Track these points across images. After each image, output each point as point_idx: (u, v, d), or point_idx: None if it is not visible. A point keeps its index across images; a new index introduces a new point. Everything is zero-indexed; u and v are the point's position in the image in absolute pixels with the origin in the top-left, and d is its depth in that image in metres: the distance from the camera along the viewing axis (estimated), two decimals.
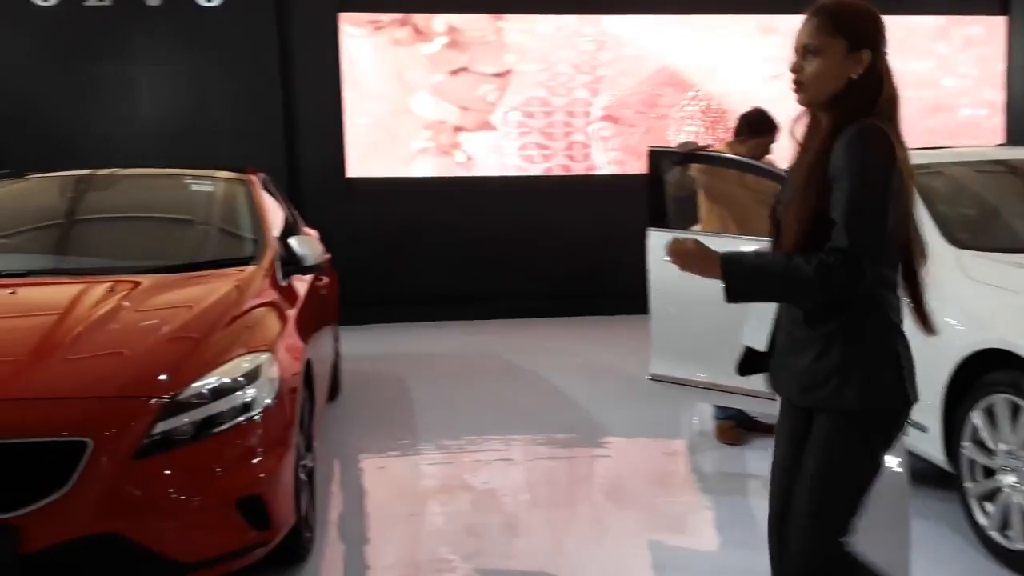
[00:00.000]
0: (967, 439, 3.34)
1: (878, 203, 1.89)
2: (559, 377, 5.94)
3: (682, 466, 4.43)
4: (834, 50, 1.95)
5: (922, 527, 3.51)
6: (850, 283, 1.90)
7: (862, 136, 1.89)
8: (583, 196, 8.09)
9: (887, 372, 2.00)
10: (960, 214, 4.17)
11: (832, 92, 1.97)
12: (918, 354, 3.57)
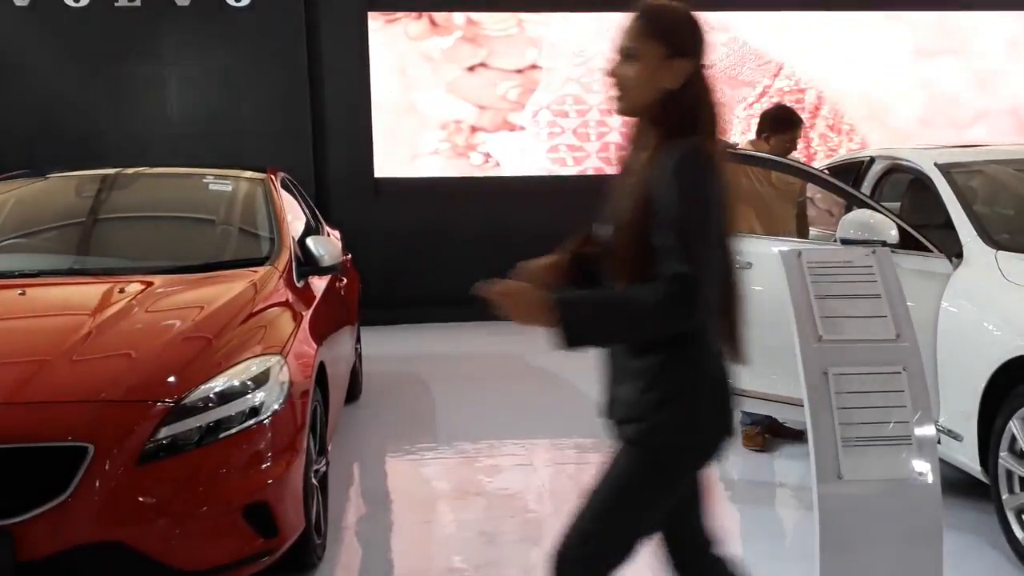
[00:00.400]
0: (1004, 449, 3.19)
1: (708, 226, 1.78)
2: (584, 380, 5.81)
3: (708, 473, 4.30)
4: (650, 56, 1.81)
5: (956, 541, 3.38)
6: (693, 310, 1.76)
7: (688, 157, 1.77)
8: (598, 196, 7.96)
9: (711, 405, 1.89)
10: (999, 214, 4.01)
11: (647, 101, 1.83)
12: (952, 359, 3.50)
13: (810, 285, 2.77)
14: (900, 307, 2.74)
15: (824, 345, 2.68)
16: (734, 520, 3.82)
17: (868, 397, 2.63)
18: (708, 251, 1.78)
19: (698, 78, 1.84)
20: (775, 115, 4.51)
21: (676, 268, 1.74)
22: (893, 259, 3.62)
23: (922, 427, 2.61)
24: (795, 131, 4.46)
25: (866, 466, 2.58)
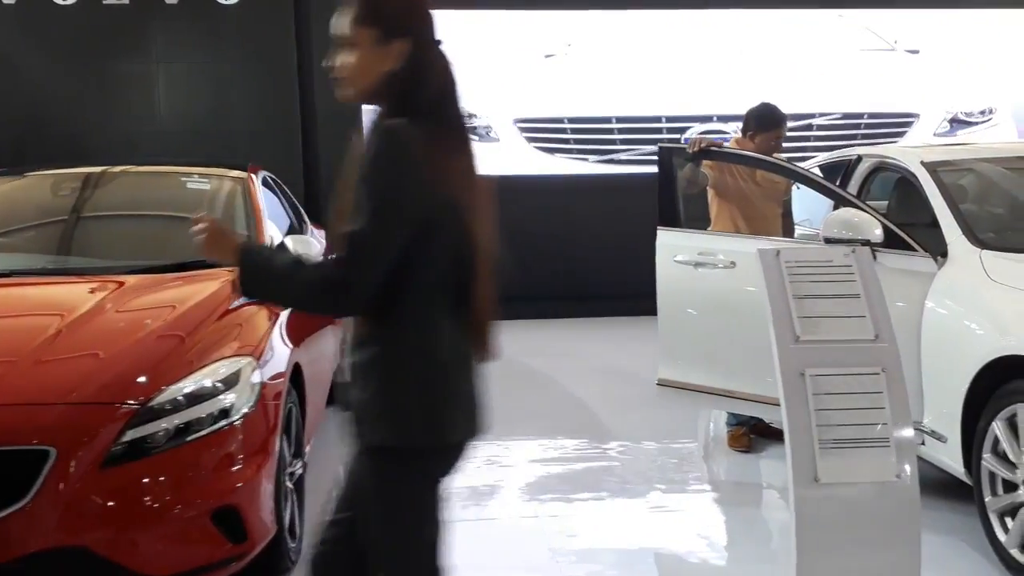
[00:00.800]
0: (988, 450, 3.15)
1: (384, 214, 1.68)
2: (573, 380, 5.80)
3: (693, 474, 4.26)
4: (365, 41, 1.75)
5: (938, 542, 3.34)
6: (344, 299, 1.70)
7: (381, 138, 1.70)
8: (606, 194, 7.93)
9: (424, 406, 1.78)
10: (986, 213, 3.97)
11: (370, 87, 1.77)
12: (936, 359, 3.46)
13: (788, 285, 2.73)
14: (879, 308, 2.70)
15: (801, 345, 2.64)
16: (719, 521, 3.79)
17: (846, 399, 2.59)
18: (381, 239, 1.68)
19: (419, 57, 1.77)
20: (760, 113, 4.47)
21: (340, 254, 1.70)
22: (878, 258, 3.65)
23: (900, 429, 2.58)
24: (780, 129, 4.42)
25: (843, 469, 2.54)
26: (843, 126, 8.15)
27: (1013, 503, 3.04)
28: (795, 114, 8.02)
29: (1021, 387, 3.00)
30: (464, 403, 1.85)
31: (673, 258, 4.07)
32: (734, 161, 4.31)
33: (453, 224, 1.76)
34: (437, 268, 1.77)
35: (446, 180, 1.74)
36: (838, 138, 8.07)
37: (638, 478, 4.14)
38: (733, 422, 4.44)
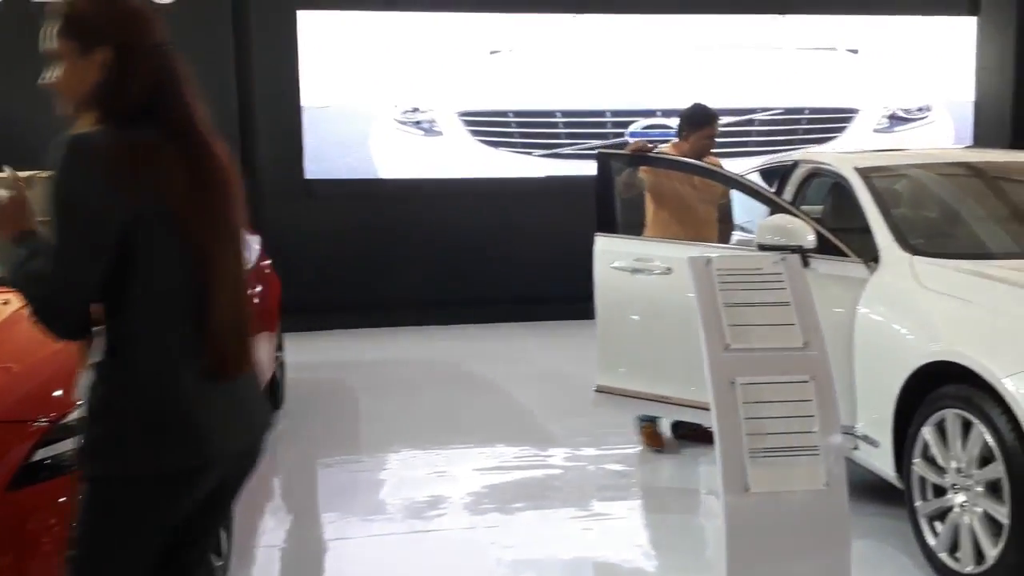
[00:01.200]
0: (918, 455, 3.18)
1: (67, 230, 1.61)
2: (515, 385, 5.76)
3: (633, 481, 4.26)
4: (69, 53, 1.71)
5: (870, 546, 3.38)
6: (43, 312, 1.64)
7: (61, 149, 1.63)
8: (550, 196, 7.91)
9: (133, 430, 1.67)
10: (917, 219, 4.02)
11: (82, 98, 1.72)
12: (868, 365, 3.49)
13: (719, 293, 2.72)
14: (809, 315, 2.71)
15: (732, 354, 2.64)
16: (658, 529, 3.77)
17: (775, 407, 2.59)
18: (68, 255, 1.61)
19: (121, 64, 1.72)
20: (691, 113, 4.54)
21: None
22: (812, 263, 3.67)
23: (829, 437, 2.58)
24: (711, 126, 4.47)
25: (773, 477, 2.53)
26: (784, 121, 8.28)
27: (942, 507, 3.07)
28: (737, 109, 8.20)
29: (950, 393, 3.03)
30: (195, 425, 1.70)
31: (611, 264, 4.05)
32: (671, 168, 4.31)
33: (166, 235, 1.68)
34: (157, 283, 1.68)
35: (148, 189, 1.66)
36: (780, 133, 8.24)
37: (578, 486, 4.12)
38: (647, 418, 4.47)
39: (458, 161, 7.88)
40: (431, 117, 7.84)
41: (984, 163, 4.48)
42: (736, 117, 8.14)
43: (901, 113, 8.52)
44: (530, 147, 7.98)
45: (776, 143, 8.21)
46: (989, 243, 3.83)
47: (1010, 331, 2.90)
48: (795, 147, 8.11)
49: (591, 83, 8.07)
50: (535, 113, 7.97)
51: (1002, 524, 2.78)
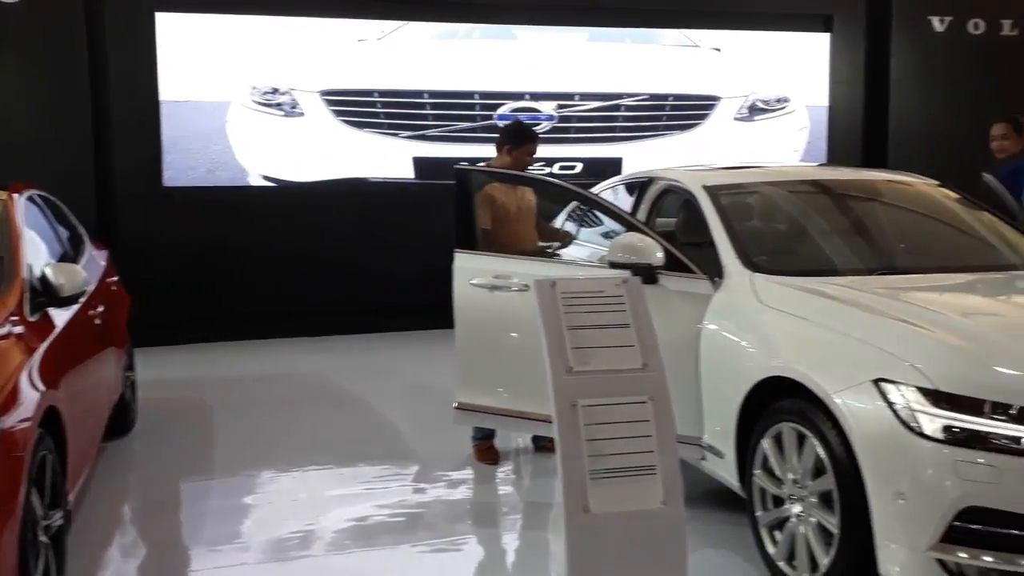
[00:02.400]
0: (758, 467, 3.29)
1: None
2: (382, 401, 5.70)
3: (497, 498, 4.26)
4: None
5: (717, 555, 3.48)
6: None
7: None
8: (416, 203, 7.85)
9: None
10: (762, 236, 4.16)
11: None
12: (712, 379, 3.60)
13: (563, 315, 2.75)
14: (648, 336, 2.77)
15: (574, 376, 2.67)
16: (519, 548, 3.78)
17: (615, 428, 2.63)
18: None
19: None
20: (514, 130, 4.69)
21: None
22: (661, 280, 3.76)
23: (667, 456, 2.64)
24: (532, 144, 4.62)
25: (613, 497, 2.58)
26: (650, 107, 8.50)
27: (780, 517, 3.19)
28: (604, 94, 8.38)
29: (786, 407, 3.15)
30: None
31: (470, 281, 4.05)
32: (520, 183, 4.38)
33: None
34: None
35: None
36: (645, 119, 8.47)
37: (434, 505, 4.09)
38: (479, 436, 4.50)
39: (320, 143, 7.67)
40: (292, 98, 7.62)
41: (831, 181, 4.68)
42: (604, 102, 8.34)
43: (760, 104, 8.90)
44: (396, 128, 7.86)
45: (642, 128, 8.47)
46: (830, 260, 4.00)
47: (840, 349, 3.03)
48: (660, 132, 8.43)
49: (460, 65, 8.03)
50: (401, 93, 7.83)
51: (833, 534, 2.90)
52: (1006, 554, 2.57)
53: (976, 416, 2.59)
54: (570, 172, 8.37)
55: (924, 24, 9.52)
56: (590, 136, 8.38)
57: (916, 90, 9.51)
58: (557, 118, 8.23)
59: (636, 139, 8.48)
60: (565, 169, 8.36)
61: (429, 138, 7.91)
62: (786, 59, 9.10)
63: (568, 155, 8.35)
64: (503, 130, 4.78)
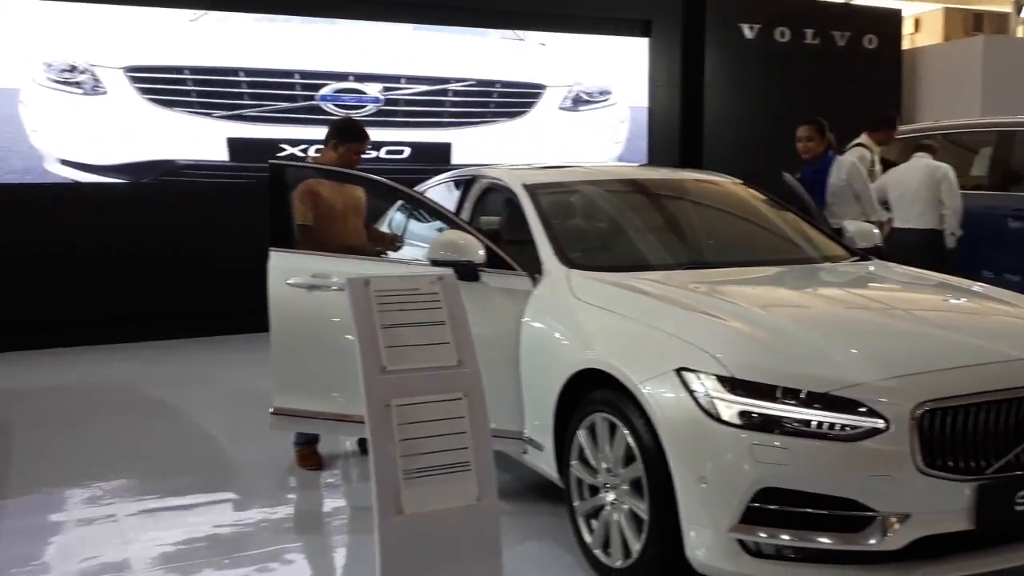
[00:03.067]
0: (575, 457, 3.37)
1: None
2: (198, 409, 5.45)
3: (316, 505, 4.15)
4: None
5: (539, 547, 3.54)
6: None
7: None
8: (234, 200, 7.56)
9: None
10: (579, 233, 4.26)
11: None
12: (532, 373, 3.65)
13: (377, 314, 2.71)
14: (463, 333, 2.77)
15: (387, 376, 2.64)
16: (336, 556, 3.70)
17: (429, 426, 2.62)
18: None
19: None
20: (343, 127, 4.57)
21: None
22: (483, 277, 3.78)
23: (481, 452, 2.66)
24: (362, 143, 4.54)
25: (427, 497, 2.57)
26: (478, 92, 8.59)
27: (596, 506, 3.27)
28: (432, 78, 8.38)
29: (598, 398, 3.23)
30: None
31: (286, 281, 3.93)
32: (341, 180, 4.30)
33: None
34: None
35: None
36: (473, 104, 8.56)
37: (260, 518, 3.93)
38: (301, 440, 4.43)
39: (125, 124, 7.25)
40: (93, 75, 7.14)
41: (645, 180, 4.85)
42: (431, 86, 8.33)
43: (584, 95, 9.19)
44: (209, 108, 7.52)
45: (470, 115, 8.54)
46: (643, 255, 4.14)
47: (647, 340, 3.14)
48: (488, 120, 8.54)
49: (281, 45, 7.82)
50: (215, 71, 7.52)
51: (643, 520, 3.00)
52: (802, 531, 2.72)
53: (769, 401, 2.73)
54: (398, 156, 8.32)
55: (735, 31, 10.08)
56: (418, 121, 8.36)
57: (728, 94, 10.06)
58: (383, 101, 8.14)
59: (464, 125, 8.55)
60: (393, 154, 8.29)
61: (246, 118, 7.62)
62: (609, 60, 9.43)
63: (396, 139, 8.29)
64: (332, 125, 4.65)
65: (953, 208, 6.34)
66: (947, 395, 2.68)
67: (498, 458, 4.19)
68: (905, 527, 2.65)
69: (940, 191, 6.35)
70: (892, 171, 6.68)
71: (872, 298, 3.71)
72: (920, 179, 6.34)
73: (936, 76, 11.28)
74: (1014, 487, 2.72)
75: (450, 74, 8.49)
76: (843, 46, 10.57)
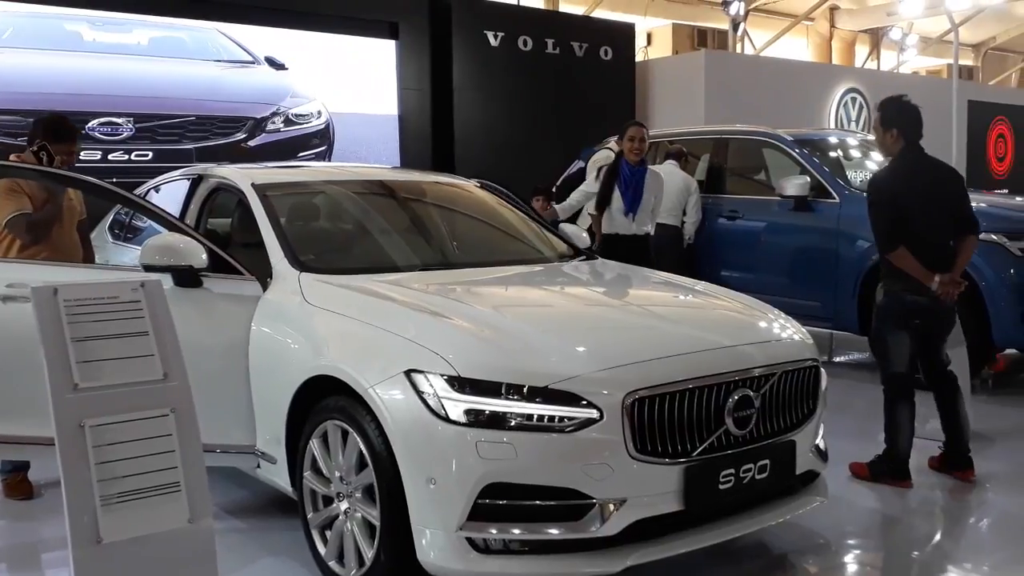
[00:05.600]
0: (308, 468, 3.24)
1: None
2: None
3: (28, 537, 3.75)
4: None
5: (273, 563, 3.41)
6: None
7: None
8: None
9: None
10: (311, 235, 4.13)
11: None
12: (262, 382, 3.47)
13: (67, 326, 2.45)
14: (170, 344, 2.56)
15: (80, 394, 2.38)
16: None
17: (132, 446, 2.40)
18: None
19: None
20: (55, 126, 4.11)
21: None
22: (206, 283, 3.55)
23: (192, 470, 2.47)
24: (74, 143, 4.16)
25: (130, 523, 2.34)
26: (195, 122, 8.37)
27: (330, 516, 3.16)
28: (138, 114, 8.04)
29: (330, 405, 3.12)
30: None
31: None
32: (49, 180, 3.89)
33: None
34: None
35: None
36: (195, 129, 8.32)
37: None
38: (9, 468, 4.06)
39: None
40: None
41: (380, 181, 4.76)
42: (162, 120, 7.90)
43: (293, 117, 9.08)
44: None
45: (196, 137, 8.28)
46: (378, 257, 4.08)
47: (378, 344, 3.07)
48: (210, 140, 8.22)
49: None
50: None
51: (376, 527, 2.93)
52: (528, 524, 2.76)
53: (494, 398, 2.75)
54: (144, 160, 7.87)
55: (481, 38, 10.30)
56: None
57: (477, 99, 10.26)
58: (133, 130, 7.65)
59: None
60: (140, 157, 7.82)
61: None
62: (355, 69, 9.37)
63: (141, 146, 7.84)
64: (37, 122, 4.16)
65: (693, 220, 7.07)
66: (655, 383, 2.82)
67: (235, 474, 4.04)
68: (622, 512, 2.76)
69: (687, 203, 6.96)
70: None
71: (596, 295, 3.87)
72: (674, 186, 6.80)
73: (666, 86, 12.14)
74: (718, 467, 2.92)
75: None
76: (581, 56, 11.11)
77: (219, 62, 8.77)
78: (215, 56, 8.75)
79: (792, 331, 3.48)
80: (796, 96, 12.54)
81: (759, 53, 17.52)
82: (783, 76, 12.79)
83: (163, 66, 8.45)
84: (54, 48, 7.98)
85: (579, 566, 2.77)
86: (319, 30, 9.18)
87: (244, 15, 8.66)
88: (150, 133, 8.23)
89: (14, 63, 7.74)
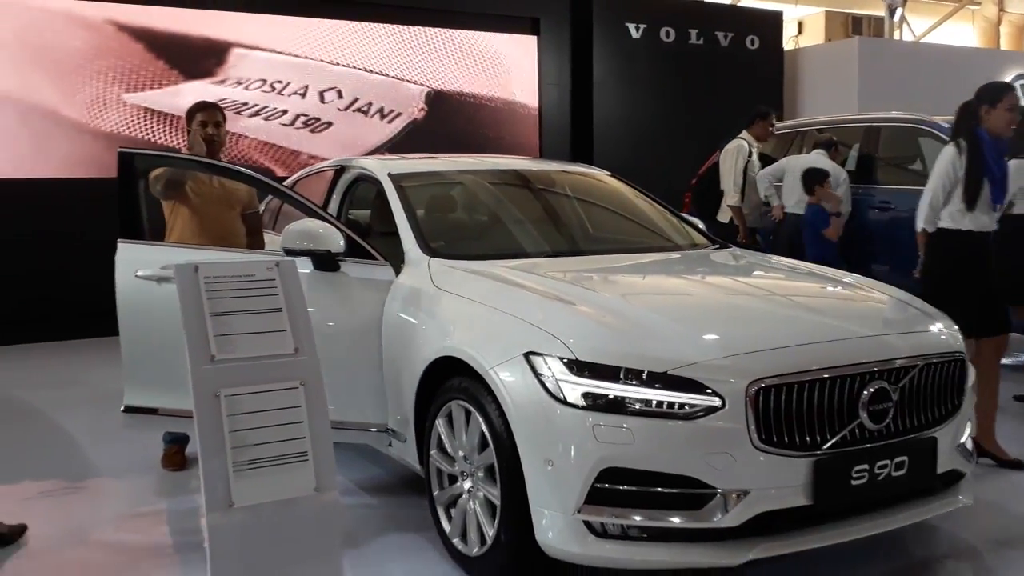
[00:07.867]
0: (435, 447, 3.31)
1: None
2: (60, 412, 5.20)
3: (178, 505, 3.99)
4: None
5: (399, 538, 3.49)
6: None
7: None
8: (80, 199, 7.28)
9: None
10: (442, 222, 4.22)
11: None
12: (393, 363, 3.57)
13: (206, 302, 2.60)
14: (301, 320, 2.68)
15: (217, 366, 2.54)
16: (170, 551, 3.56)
17: (262, 416, 2.53)
18: None
19: None
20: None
21: None
22: (343, 267, 3.69)
23: (319, 441, 2.57)
24: (211, 112, 4.31)
25: (259, 489, 2.47)
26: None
27: (454, 495, 3.22)
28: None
29: (455, 385, 3.18)
30: None
31: (135, 273, 3.75)
32: (198, 168, 4.14)
33: None
34: None
35: None
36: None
37: (96, 524, 3.74)
38: (169, 439, 4.29)
39: None
40: None
41: (513, 170, 4.81)
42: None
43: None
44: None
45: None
46: (506, 244, 4.11)
47: (500, 326, 3.10)
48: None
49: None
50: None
51: (496, 506, 2.97)
52: (646, 511, 2.72)
53: (612, 383, 2.73)
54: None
55: (622, 30, 10.21)
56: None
57: (617, 92, 10.18)
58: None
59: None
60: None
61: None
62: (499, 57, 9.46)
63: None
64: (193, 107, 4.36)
65: (842, 212, 6.65)
66: (781, 372, 2.72)
67: (369, 452, 4.18)
68: (745, 503, 2.67)
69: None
70: (790, 159, 6.95)
71: (728, 282, 3.77)
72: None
73: (816, 77, 11.68)
74: (850, 462, 2.78)
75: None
76: (726, 46, 10.83)
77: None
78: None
79: (940, 324, 3.28)
80: (959, 85, 11.72)
81: (919, 40, 16.59)
82: (945, 64, 12.03)
83: None
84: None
85: (699, 556, 2.71)
86: (464, 28, 9.35)
87: (394, 15, 8.92)
88: None
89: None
